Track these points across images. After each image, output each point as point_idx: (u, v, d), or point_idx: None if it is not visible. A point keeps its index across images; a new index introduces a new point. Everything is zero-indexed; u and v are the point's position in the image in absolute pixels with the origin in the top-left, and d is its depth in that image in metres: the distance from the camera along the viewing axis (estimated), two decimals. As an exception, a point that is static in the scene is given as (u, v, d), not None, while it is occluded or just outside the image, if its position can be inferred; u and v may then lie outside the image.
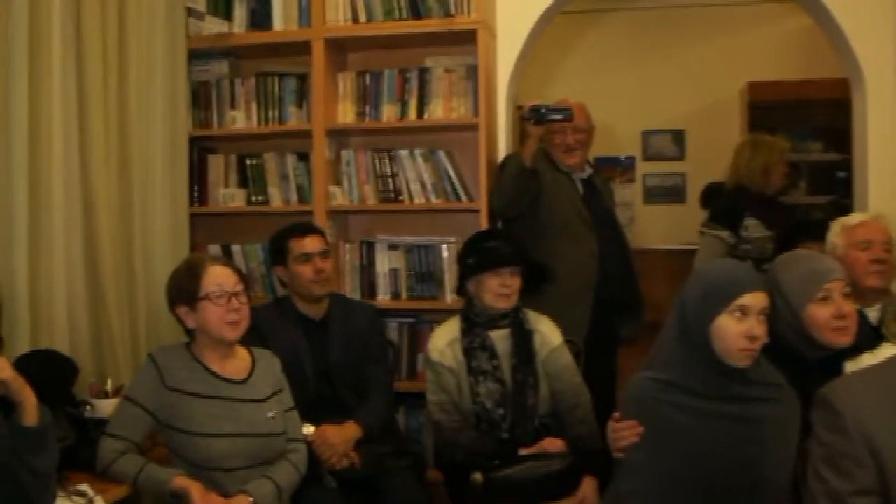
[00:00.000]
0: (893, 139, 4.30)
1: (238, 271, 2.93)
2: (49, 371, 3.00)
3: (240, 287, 2.87)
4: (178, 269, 2.96)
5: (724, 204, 4.62)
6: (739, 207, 4.43)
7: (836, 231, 3.40)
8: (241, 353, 3.00)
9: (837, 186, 7.26)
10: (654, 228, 7.36)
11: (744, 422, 2.49)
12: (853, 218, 3.44)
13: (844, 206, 5.48)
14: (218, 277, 2.84)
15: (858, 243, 3.30)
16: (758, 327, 2.47)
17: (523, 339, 3.39)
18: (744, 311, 2.47)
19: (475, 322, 3.40)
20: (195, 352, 2.90)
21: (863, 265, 3.23)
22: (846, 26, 4.29)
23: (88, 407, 3.01)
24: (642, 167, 7.86)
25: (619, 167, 7.93)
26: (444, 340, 3.41)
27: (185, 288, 2.85)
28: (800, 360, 2.73)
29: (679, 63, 7.64)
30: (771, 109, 7.21)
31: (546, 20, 4.53)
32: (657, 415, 2.53)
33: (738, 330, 2.46)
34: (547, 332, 3.45)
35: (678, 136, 7.81)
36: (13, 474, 2.25)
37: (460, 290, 3.50)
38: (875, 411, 1.88)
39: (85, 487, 2.65)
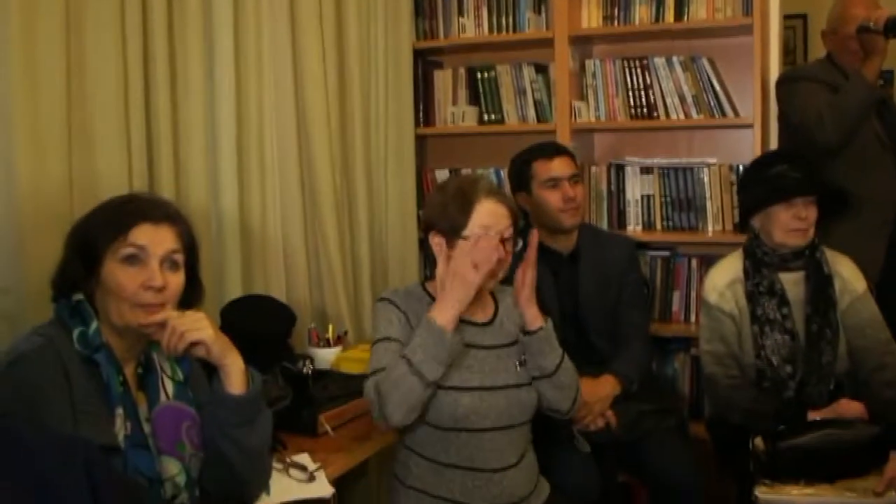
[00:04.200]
0: None
1: (512, 210, 2.40)
2: (263, 321, 2.64)
3: (510, 232, 2.35)
4: (445, 187, 2.46)
5: None
6: None
7: None
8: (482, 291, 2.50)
9: None
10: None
11: None
12: None
13: None
14: (489, 217, 2.32)
15: None
16: None
17: (820, 285, 2.86)
18: None
19: (762, 261, 2.88)
20: (435, 291, 2.40)
21: None
22: None
23: (308, 361, 2.60)
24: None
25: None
26: (724, 280, 2.92)
27: (450, 217, 2.35)
28: None
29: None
30: None
31: None
32: None
33: None
34: (849, 277, 2.91)
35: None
36: (220, 451, 1.85)
37: (743, 225, 2.99)
38: None
39: (305, 459, 2.21)
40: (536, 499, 2.46)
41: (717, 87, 3.63)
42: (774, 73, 3.72)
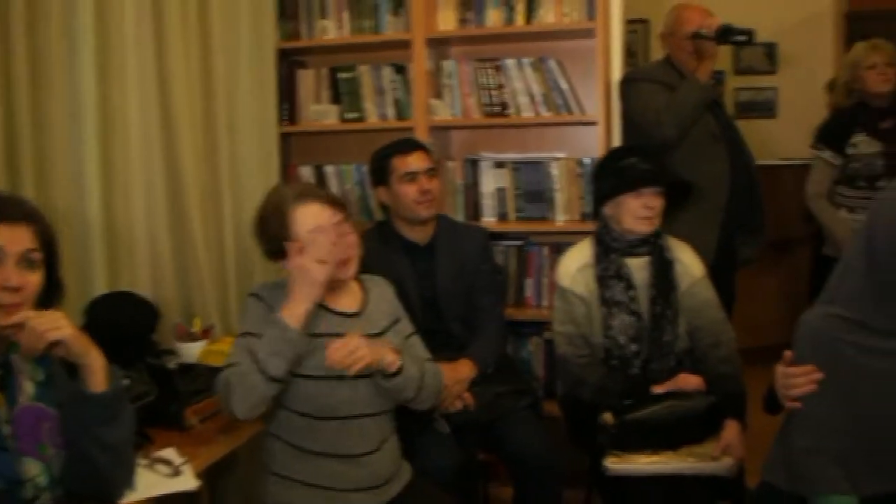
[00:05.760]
0: None
1: (331, 198, 2.36)
2: (126, 317, 2.52)
3: (339, 216, 2.31)
4: (261, 208, 2.38)
5: (828, 121, 4.14)
6: (846, 123, 3.93)
7: None
8: (351, 282, 2.47)
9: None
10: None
11: None
12: None
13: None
14: (312, 219, 2.27)
15: None
16: None
17: (663, 269, 2.92)
18: None
19: (611, 248, 2.92)
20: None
21: None
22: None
23: (173, 355, 2.51)
24: (733, 82, 7.27)
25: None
26: (575, 265, 2.94)
27: (273, 237, 2.30)
28: None
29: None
30: (868, 20, 6.52)
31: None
32: (840, 358, 2.03)
33: None
34: (689, 262, 2.98)
35: (770, 50, 7.22)
36: (82, 450, 1.77)
37: (595, 213, 3.03)
38: None
39: (171, 454, 2.13)
40: (399, 481, 2.45)
41: (565, 87, 3.63)
42: (617, 73, 3.75)
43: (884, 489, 2.04)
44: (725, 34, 3.45)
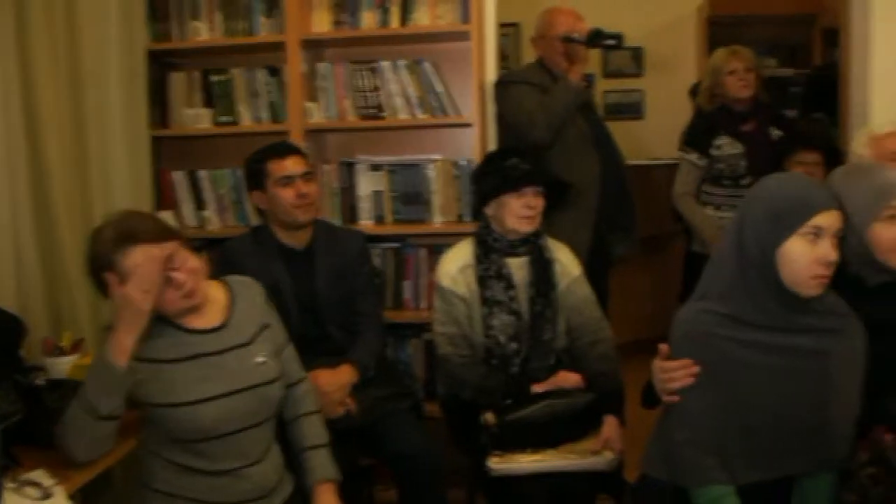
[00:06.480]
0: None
1: (158, 235, 2.14)
2: None
3: (171, 246, 2.13)
4: (88, 256, 2.18)
5: (693, 124, 4.25)
6: (710, 126, 4.04)
7: (863, 142, 3.05)
8: (214, 290, 2.34)
9: (791, 101, 6.86)
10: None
11: (811, 356, 2.06)
12: (882, 128, 3.06)
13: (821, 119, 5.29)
14: (132, 261, 2.07)
15: (887, 154, 2.94)
16: (833, 251, 1.99)
17: (542, 269, 2.94)
18: (817, 232, 2.00)
19: (492, 248, 2.92)
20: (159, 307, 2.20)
21: None
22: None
23: (41, 372, 2.37)
24: (602, 85, 7.40)
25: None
26: (455, 266, 2.93)
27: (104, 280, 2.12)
28: (858, 285, 2.27)
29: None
30: (729, 26, 6.75)
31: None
32: (714, 351, 2.07)
33: (811, 255, 1.99)
34: (567, 262, 3.01)
35: (637, 53, 7.41)
36: None
37: (476, 214, 3.02)
38: None
39: (40, 476, 2.00)
40: (283, 490, 2.37)
41: (440, 89, 3.61)
42: (491, 75, 3.76)
43: (759, 477, 2.09)
44: (595, 38, 3.51)
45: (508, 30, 6.68)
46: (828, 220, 2.00)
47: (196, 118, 3.82)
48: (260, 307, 2.40)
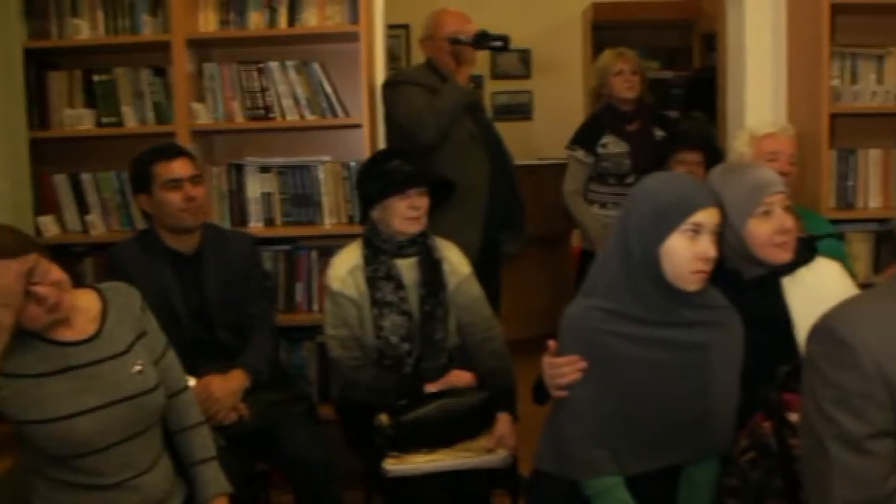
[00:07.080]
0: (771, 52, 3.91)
1: (13, 249, 2.01)
2: None
3: (30, 263, 2.02)
4: None
5: (582, 123, 4.33)
6: (597, 125, 4.14)
7: (745, 140, 3.12)
8: (85, 298, 2.24)
9: (673, 102, 7.07)
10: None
11: (692, 349, 2.12)
12: (762, 128, 3.14)
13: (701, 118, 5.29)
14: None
15: (764, 154, 3.02)
16: (712, 248, 2.05)
17: (432, 269, 2.95)
18: (697, 229, 2.06)
19: (380, 249, 2.91)
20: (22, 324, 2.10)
21: None
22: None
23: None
24: (491, 86, 7.46)
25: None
26: (345, 268, 2.91)
27: None
28: (736, 279, 2.34)
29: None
30: (613, 30, 6.87)
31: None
32: (601, 347, 2.11)
33: (691, 250, 2.05)
34: (456, 261, 3.02)
35: (524, 56, 7.49)
36: None
37: (363, 217, 3.00)
38: (891, 340, 1.50)
39: None
40: (175, 498, 2.30)
41: (329, 90, 3.59)
42: (380, 76, 3.76)
43: (646, 468, 2.14)
44: (482, 40, 3.52)
45: (398, 31, 6.67)
46: (707, 217, 2.05)
47: (78, 119, 3.69)
48: (135, 314, 2.30)
